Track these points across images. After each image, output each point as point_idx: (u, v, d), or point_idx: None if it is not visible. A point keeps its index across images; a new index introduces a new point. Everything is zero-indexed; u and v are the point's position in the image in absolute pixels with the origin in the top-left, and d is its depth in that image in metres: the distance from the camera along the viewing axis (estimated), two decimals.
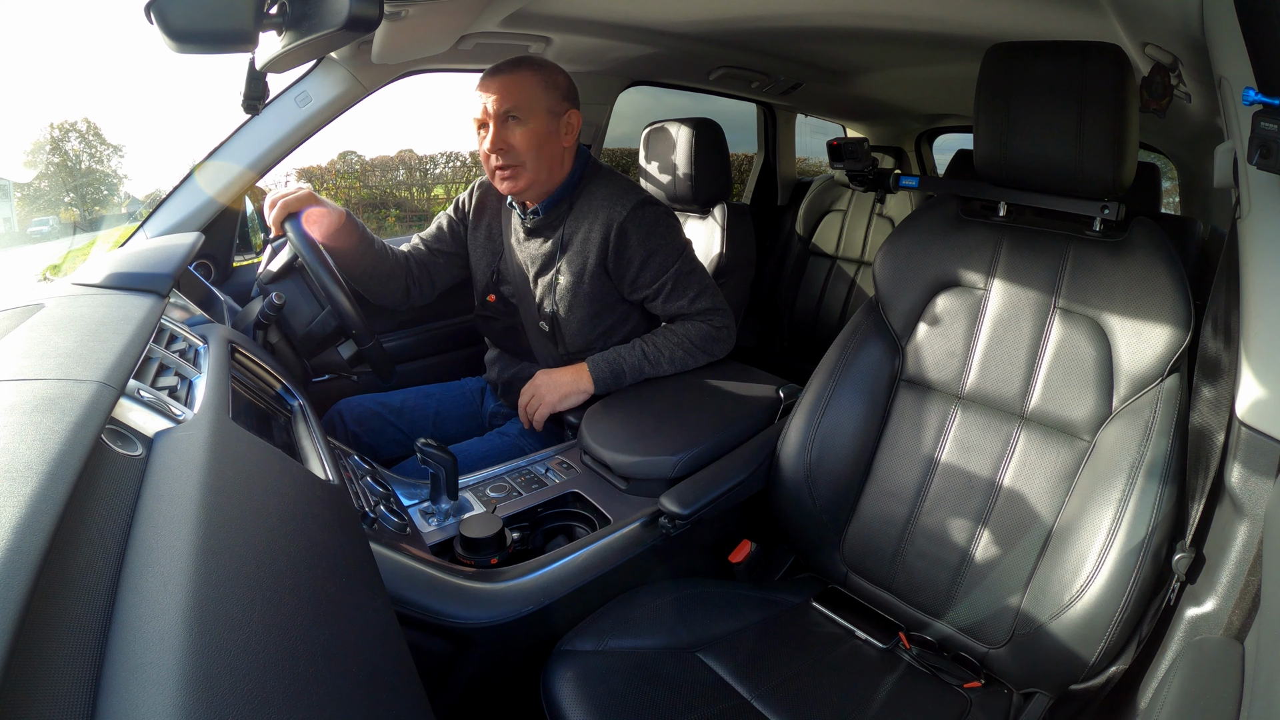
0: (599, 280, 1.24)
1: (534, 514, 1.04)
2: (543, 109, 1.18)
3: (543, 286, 1.28)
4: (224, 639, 0.37)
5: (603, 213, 1.21)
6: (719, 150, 1.84)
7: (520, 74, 1.18)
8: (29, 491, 0.35)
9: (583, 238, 1.23)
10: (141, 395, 0.60)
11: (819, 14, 1.39)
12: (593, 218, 1.22)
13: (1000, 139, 0.92)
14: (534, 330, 1.33)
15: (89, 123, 5.24)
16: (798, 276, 2.34)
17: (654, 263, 1.23)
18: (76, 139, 5.22)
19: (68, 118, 5.23)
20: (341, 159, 5.70)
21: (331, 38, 0.76)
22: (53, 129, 5.12)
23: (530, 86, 1.17)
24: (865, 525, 1.02)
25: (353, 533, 0.66)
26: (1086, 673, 0.79)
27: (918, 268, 1.03)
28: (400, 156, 5.97)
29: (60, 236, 4.23)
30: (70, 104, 6.47)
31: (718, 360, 1.30)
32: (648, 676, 0.82)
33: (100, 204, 5.31)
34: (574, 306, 1.25)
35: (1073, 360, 0.90)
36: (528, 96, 1.17)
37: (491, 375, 1.45)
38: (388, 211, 5.88)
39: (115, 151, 5.32)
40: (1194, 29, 0.77)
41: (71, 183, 5.08)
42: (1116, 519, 0.78)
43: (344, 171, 5.76)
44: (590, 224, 1.22)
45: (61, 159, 5.16)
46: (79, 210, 5.17)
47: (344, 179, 5.77)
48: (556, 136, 1.20)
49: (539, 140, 1.18)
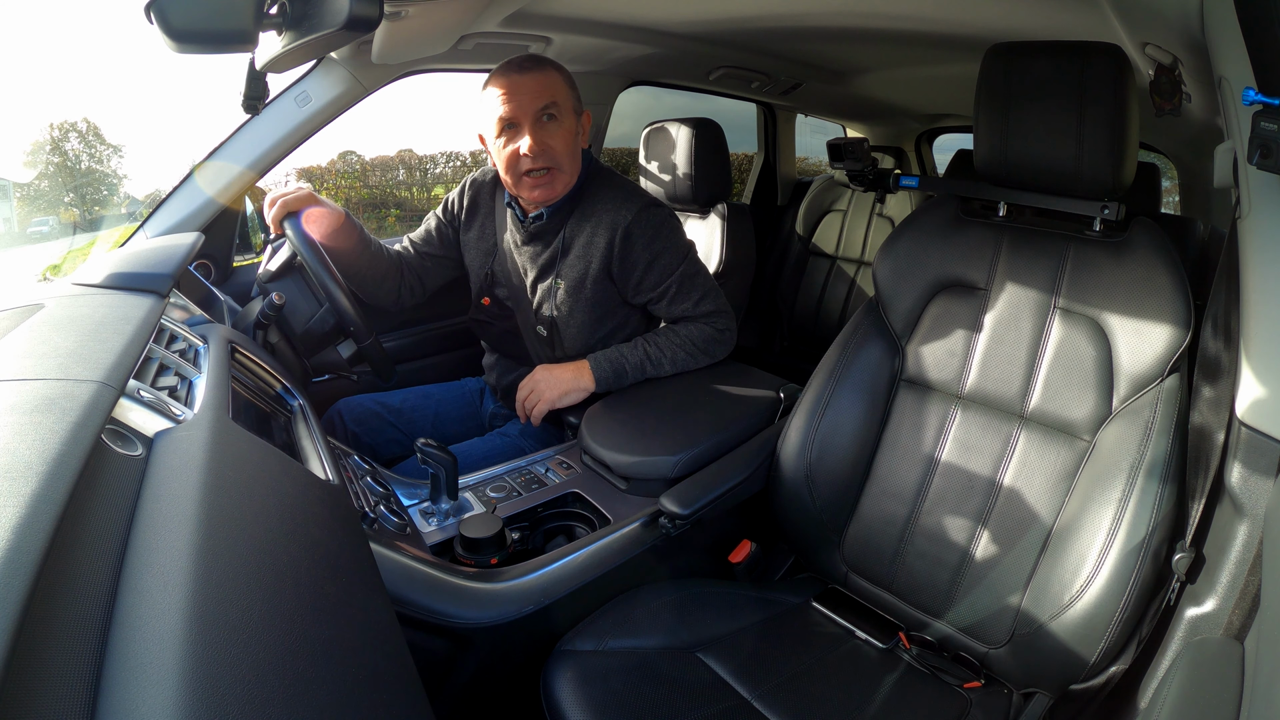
0: (601, 285, 1.23)
1: (534, 514, 1.04)
2: (571, 108, 1.16)
3: (542, 291, 1.26)
4: (224, 639, 0.37)
5: (607, 217, 1.19)
6: (719, 150, 1.84)
7: (548, 72, 1.14)
8: (29, 491, 0.35)
9: (585, 242, 1.21)
10: (141, 395, 0.60)
11: (819, 14, 1.39)
12: (596, 222, 1.20)
13: (1000, 139, 0.92)
14: (531, 335, 1.32)
15: (89, 123, 5.25)
16: (798, 276, 2.34)
17: (659, 266, 1.22)
18: (76, 139, 5.22)
19: (68, 118, 5.24)
20: (341, 159, 5.72)
21: (331, 38, 0.76)
22: (53, 129, 5.13)
23: (561, 85, 1.15)
24: (865, 525, 1.02)
25: (353, 533, 0.66)
26: (1086, 673, 0.79)
27: (918, 268, 1.03)
28: (400, 156, 5.99)
29: (60, 237, 4.23)
30: (70, 104, 6.48)
31: (718, 360, 1.30)
32: (648, 676, 0.82)
33: (100, 204, 5.31)
34: (574, 311, 1.24)
35: (1073, 360, 0.90)
36: (561, 94, 1.14)
37: (490, 379, 1.44)
38: (388, 211, 5.90)
39: (115, 151, 5.33)
40: (1194, 29, 0.77)
41: (71, 183, 5.08)
42: (1116, 519, 0.78)
43: (344, 171, 5.78)
44: (594, 228, 1.20)
45: (61, 159, 5.16)
46: (79, 210, 5.17)
47: (344, 179, 5.79)
48: (580, 138, 1.19)
49: (573, 140, 1.16)
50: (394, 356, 1.41)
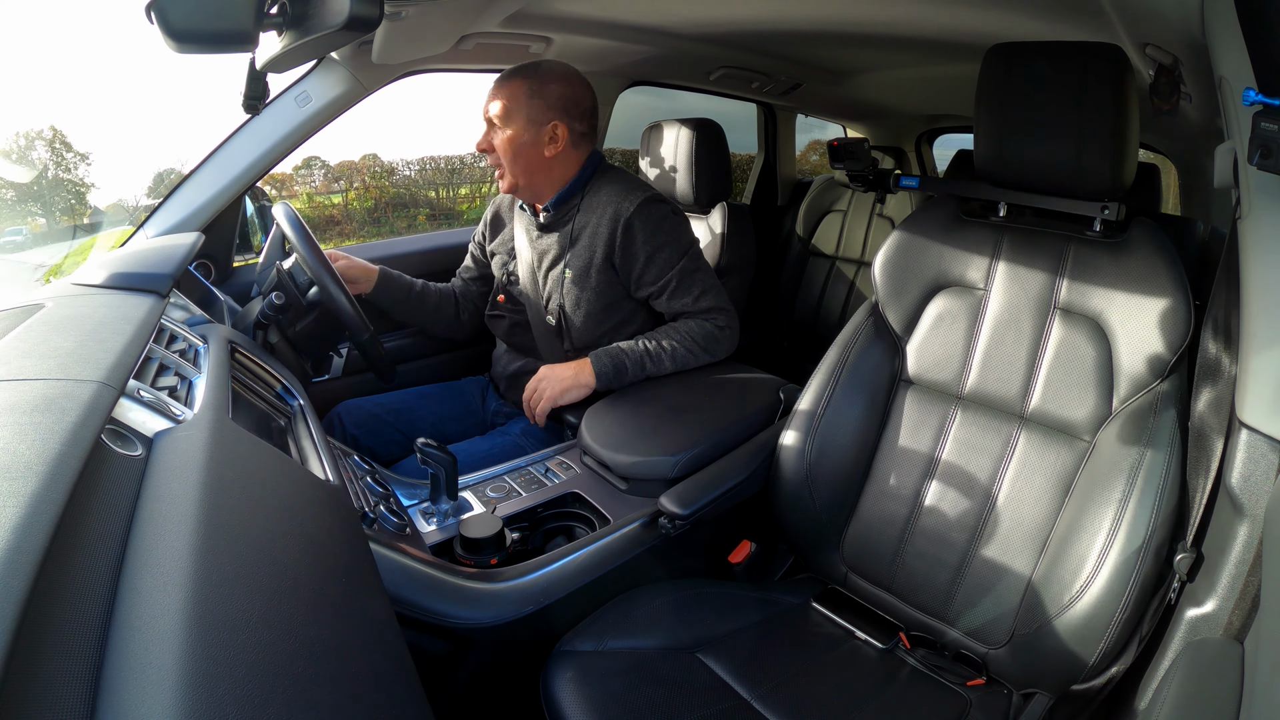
0: (606, 274, 1.26)
1: (534, 514, 1.04)
2: (523, 117, 1.22)
3: (551, 281, 1.30)
4: (224, 639, 0.37)
5: (610, 207, 1.24)
6: (719, 150, 1.84)
7: (512, 82, 1.23)
8: (29, 491, 0.35)
9: (590, 231, 1.25)
10: (141, 395, 0.60)
11: (819, 17, 1.39)
12: (600, 212, 1.25)
13: (1000, 139, 0.92)
14: (540, 326, 1.34)
15: (55, 130, 5.26)
16: (798, 276, 2.33)
17: (659, 259, 1.24)
18: (44, 146, 5.23)
19: (34, 125, 5.25)
20: (373, 159, 5.90)
21: (332, 38, 0.76)
22: (19, 137, 5.13)
23: (516, 95, 1.22)
24: (865, 525, 1.02)
25: (353, 533, 0.66)
26: (1086, 673, 0.79)
27: (918, 268, 1.03)
28: (429, 159, 6.21)
29: (33, 247, 4.25)
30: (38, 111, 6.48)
31: (718, 360, 1.30)
32: (647, 677, 0.82)
33: (70, 214, 5.33)
34: (581, 301, 1.27)
35: (1073, 360, 0.90)
36: (511, 104, 1.22)
37: (497, 370, 1.46)
38: (418, 210, 6.07)
39: (83, 159, 5.34)
40: (1194, 29, 0.77)
41: (36, 191, 5.07)
42: (1116, 519, 0.78)
43: (374, 170, 5.96)
44: (599, 218, 1.25)
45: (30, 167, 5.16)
46: (45, 220, 5.18)
47: (373, 178, 5.96)
48: (536, 145, 1.23)
49: (515, 146, 1.23)
50: (394, 356, 1.41)
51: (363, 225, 6.00)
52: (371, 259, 1.46)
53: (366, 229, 5.94)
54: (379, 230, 5.94)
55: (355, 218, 6.01)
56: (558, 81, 1.23)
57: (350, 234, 5.92)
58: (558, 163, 1.26)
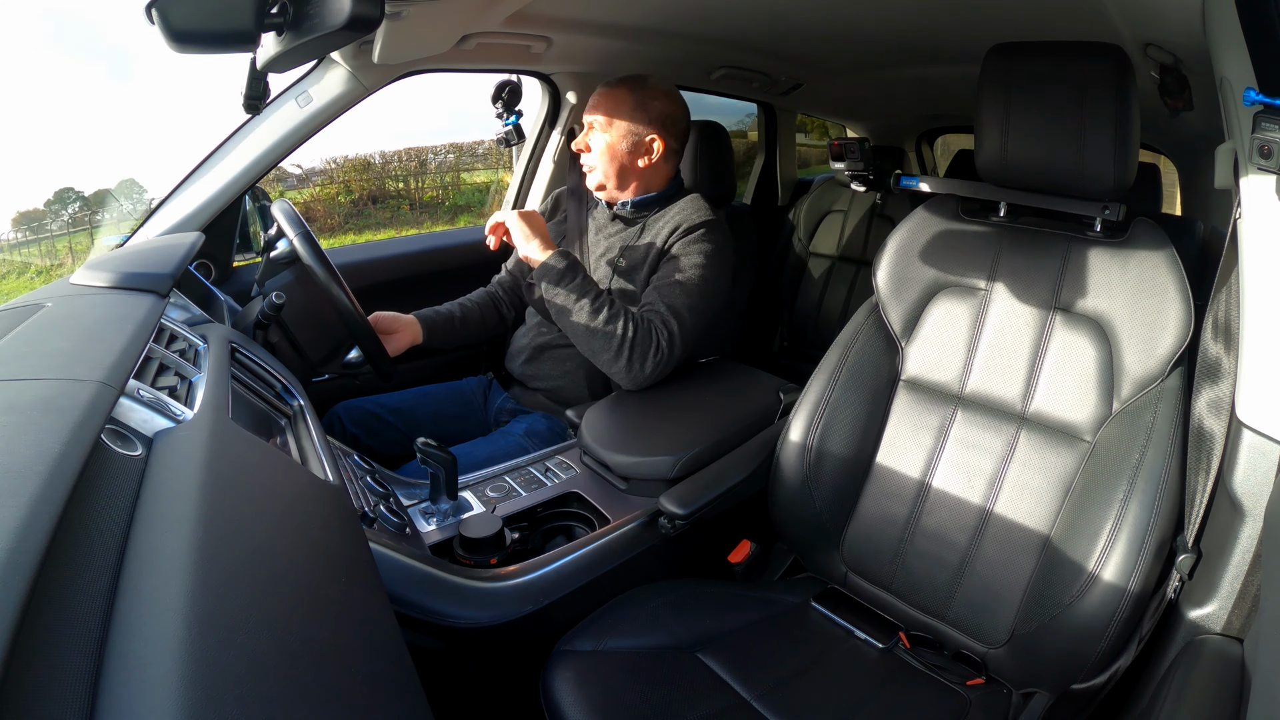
0: (651, 275, 1.30)
1: (533, 514, 1.04)
2: (624, 126, 1.28)
3: (605, 266, 1.35)
4: (223, 639, 0.37)
5: (679, 216, 1.30)
6: (720, 151, 1.84)
7: (618, 92, 1.29)
8: (29, 491, 0.35)
9: (655, 232, 1.31)
10: (141, 395, 0.60)
11: (819, 19, 1.39)
12: (669, 219, 1.31)
13: (1001, 139, 0.92)
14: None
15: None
16: (798, 276, 2.33)
17: (678, 263, 1.26)
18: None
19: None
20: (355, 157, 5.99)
21: (332, 38, 0.76)
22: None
23: (620, 105, 1.28)
24: (865, 525, 1.02)
25: (352, 533, 0.66)
26: (1086, 672, 0.79)
27: (918, 268, 1.03)
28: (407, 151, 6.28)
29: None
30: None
31: (717, 360, 1.30)
32: (647, 676, 0.82)
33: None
34: (625, 291, 1.31)
35: (1073, 361, 0.90)
36: (614, 112, 1.28)
37: (520, 344, 1.43)
38: (400, 202, 6.17)
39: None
40: (1195, 30, 0.77)
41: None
42: (1117, 520, 0.78)
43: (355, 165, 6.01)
44: (665, 222, 1.31)
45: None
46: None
47: (353, 173, 5.98)
48: (633, 154, 1.29)
49: (611, 152, 1.29)
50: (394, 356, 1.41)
51: (347, 219, 6.05)
52: (372, 259, 1.45)
53: (351, 220, 6.00)
54: (365, 222, 5.99)
55: (338, 211, 6.06)
56: (661, 98, 1.30)
57: (334, 228, 5.99)
58: (648, 173, 1.32)
